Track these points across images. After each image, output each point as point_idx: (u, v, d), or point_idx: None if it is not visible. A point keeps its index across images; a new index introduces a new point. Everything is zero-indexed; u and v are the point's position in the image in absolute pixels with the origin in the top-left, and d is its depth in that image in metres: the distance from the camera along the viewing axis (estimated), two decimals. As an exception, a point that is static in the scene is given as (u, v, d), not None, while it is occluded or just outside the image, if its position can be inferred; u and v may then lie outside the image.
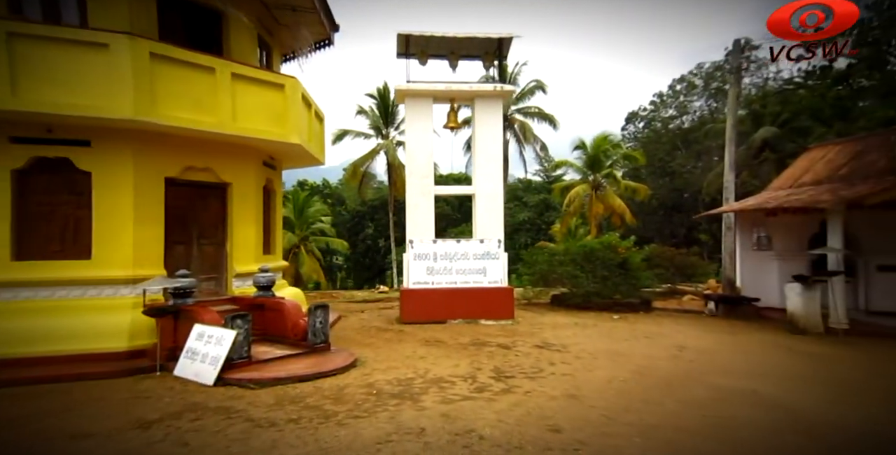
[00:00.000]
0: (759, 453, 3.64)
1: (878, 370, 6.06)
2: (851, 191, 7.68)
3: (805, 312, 8.10)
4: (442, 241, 9.22)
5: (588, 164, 27.74)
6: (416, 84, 8.76)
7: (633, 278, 11.06)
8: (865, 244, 9.74)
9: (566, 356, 6.59)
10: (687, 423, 4.20)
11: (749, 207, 9.79)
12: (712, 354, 6.78)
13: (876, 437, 3.96)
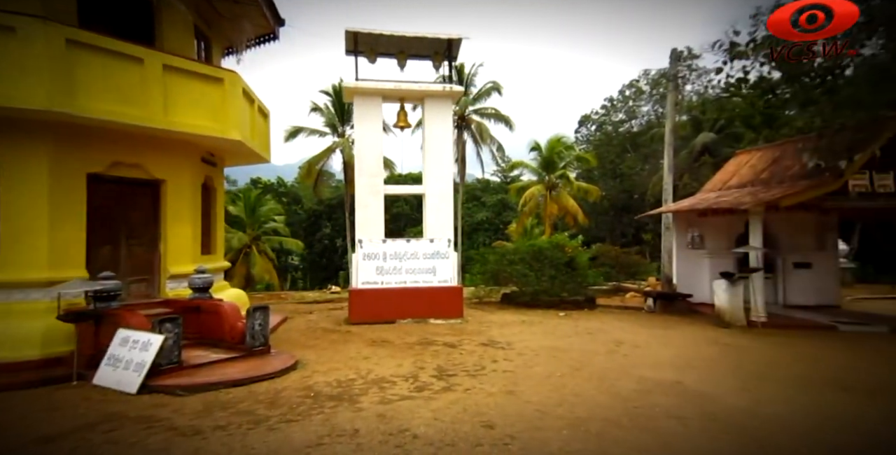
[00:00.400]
0: (673, 438, 3.88)
1: (781, 358, 6.57)
2: (769, 194, 8.32)
3: (730, 307, 8.69)
4: (392, 240, 9.19)
5: (543, 166, 28.49)
6: (365, 82, 8.67)
7: (579, 277, 11.47)
8: (784, 243, 10.59)
9: (509, 353, 6.75)
10: (614, 414, 4.41)
11: (683, 208, 10.40)
12: (645, 348, 7.15)
13: (776, 418, 4.32)
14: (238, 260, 25.55)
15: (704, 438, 3.92)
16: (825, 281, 10.47)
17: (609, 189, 33.89)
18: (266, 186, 39.02)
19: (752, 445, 3.76)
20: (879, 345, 7.36)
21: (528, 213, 29.89)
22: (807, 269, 10.45)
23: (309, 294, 14.38)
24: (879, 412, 4.48)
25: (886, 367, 6.11)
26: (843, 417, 4.36)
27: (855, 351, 6.92)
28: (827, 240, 10.55)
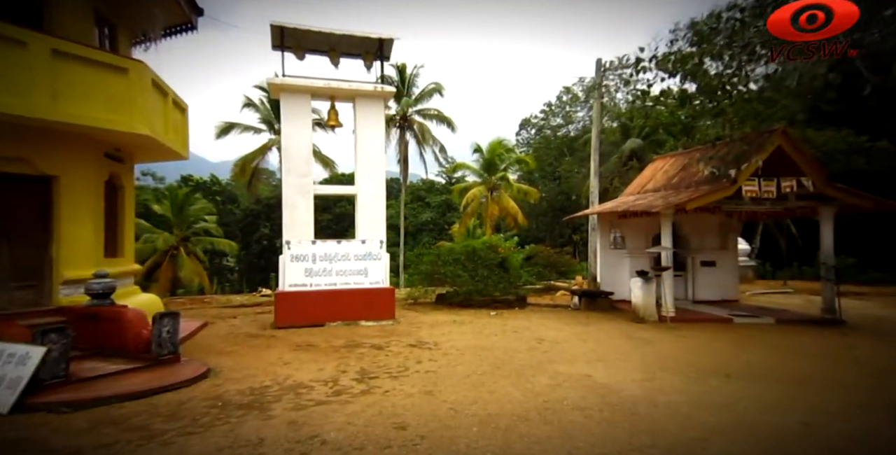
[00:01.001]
0: (574, 429, 4.11)
1: (682, 350, 7.12)
2: (677, 198, 9.03)
3: (644, 303, 9.33)
4: (322, 241, 8.99)
5: (484, 167, 29.05)
6: (293, 79, 8.42)
7: (511, 277, 11.83)
8: (693, 243, 11.53)
9: (435, 353, 6.83)
10: (524, 409, 4.59)
11: (606, 210, 11.04)
12: (564, 344, 7.50)
13: (668, 405, 4.70)
14: (164, 262, 23.89)
15: (603, 427, 4.19)
16: (727, 278, 11.53)
17: (548, 191, 35.27)
18: (198, 184, 36.77)
19: (644, 431, 4.07)
20: (763, 335, 8.20)
21: (470, 214, 30.35)
22: (712, 268, 11.45)
23: (237, 297, 13.72)
24: (752, 395, 5.00)
25: (764, 355, 6.81)
26: (721, 401, 4.82)
27: (742, 341, 7.67)
28: (729, 240, 11.63)
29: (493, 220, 30.07)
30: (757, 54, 5.98)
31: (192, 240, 25.96)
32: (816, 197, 8.93)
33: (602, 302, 10.99)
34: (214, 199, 35.79)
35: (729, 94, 7.91)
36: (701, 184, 9.27)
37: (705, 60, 5.34)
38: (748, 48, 5.00)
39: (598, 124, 12.72)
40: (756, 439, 3.96)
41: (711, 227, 11.49)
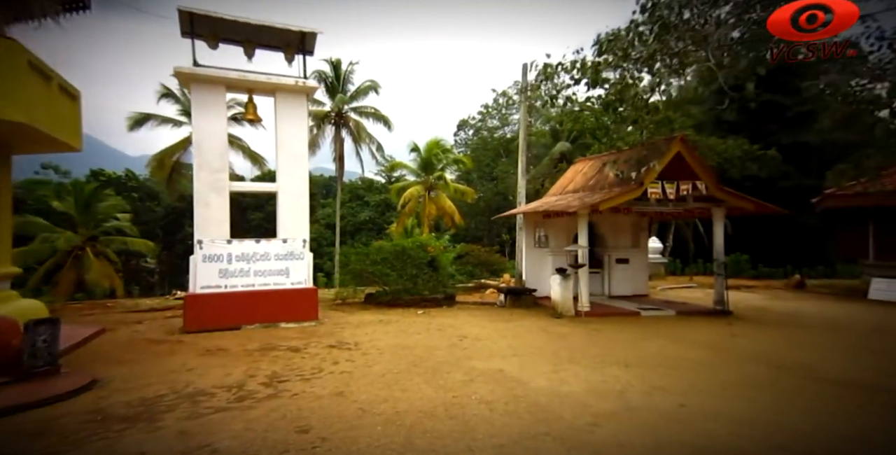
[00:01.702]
0: (477, 422, 4.24)
1: (590, 342, 7.60)
2: (592, 198, 9.60)
3: (562, 299, 9.82)
4: (238, 241, 8.56)
5: (422, 167, 29.13)
6: (205, 69, 7.93)
7: (440, 275, 11.96)
8: (609, 242, 12.31)
9: (354, 354, 6.75)
10: (433, 405, 4.67)
11: (529, 210, 11.49)
12: (485, 341, 7.71)
13: (568, 394, 4.98)
14: (66, 264, 21.57)
15: (505, 419, 4.36)
16: (638, 274, 12.44)
17: (485, 191, 36.05)
18: (110, 179, 33.62)
19: (542, 420, 4.29)
20: (664, 326, 8.92)
21: (408, 214, 30.32)
22: (626, 265, 12.29)
23: (147, 301, 12.71)
24: (643, 382, 5.43)
25: (660, 345, 7.41)
26: (616, 389, 5.20)
27: (645, 332, 8.31)
28: (641, 239, 12.54)
29: (431, 220, 30.24)
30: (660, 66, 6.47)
31: (101, 240, 23.68)
32: (709, 199, 9.87)
33: (526, 299, 11.42)
34: (130, 196, 32.93)
35: (631, 102, 8.50)
36: (613, 186, 9.91)
37: (603, 70, 5.70)
38: (648, 61, 5.41)
39: (525, 127, 13.20)
40: (639, 422, 4.31)
41: (625, 227, 12.33)
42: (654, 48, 5.13)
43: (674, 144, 9.30)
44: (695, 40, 4.95)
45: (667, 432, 4.08)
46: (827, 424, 4.24)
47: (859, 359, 6.60)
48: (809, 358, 6.58)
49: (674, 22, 5.06)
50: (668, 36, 5.04)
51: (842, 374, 5.77)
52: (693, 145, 21.83)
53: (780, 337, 8.05)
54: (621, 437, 3.99)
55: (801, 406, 4.71)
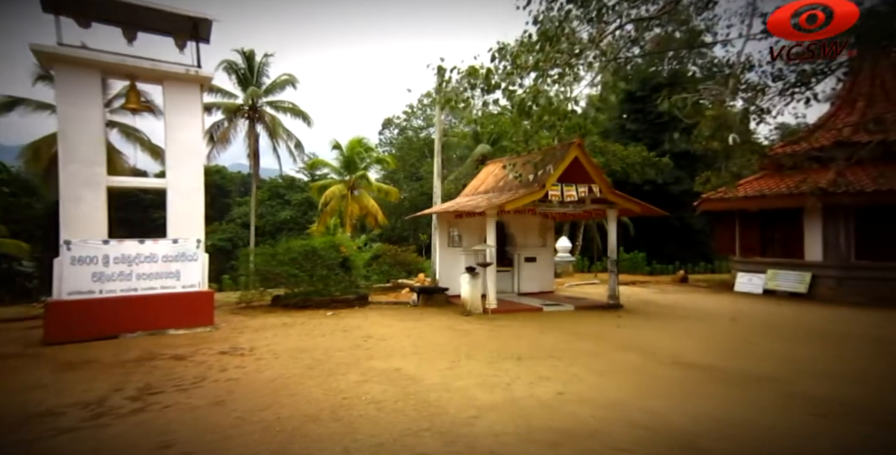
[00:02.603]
0: (363, 423, 4.23)
1: (491, 338, 7.87)
2: (499, 199, 10.00)
3: (471, 297, 10.10)
4: (118, 241, 7.76)
5: (344, 165, 28.49)
6: (73, 50, 7.08)
7: (353, 276, 11.77)
8: (519, 241, 12.88)
9: (246, 360, 6.42)
10: (319, 409, 4.56)
11: (442, 210, 11.69)
12: (390, 340, 7.70)
13: (459, 389, 5.13)
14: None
15: (391, 417, 4.38)
16: (545, 272, 13.16)
17: (411, 191, 36.08)
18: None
19: (427, 416, 4.38)
20: (562, 320, 9.52)
21: (329, 213, 29.52)
22: (534, 263, 12.94)
23: (9, 310, 11.12)
24: (531, 374, 5.75)
25: (555, 338, 7.89)
26: (505, 381, 5.44)
27: (544, 327, 8.81)
28: (547, 238, 13.27)
29: (354, 219, 29.70)
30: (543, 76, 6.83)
31: (-44, 240, 20.34)
32: (604, 201, 10.71)
33: (439, 297, 11.59)
34: (1, 191, 28.63)
35: (544, 107, 8.96)
36: (519, 188, 10.38)
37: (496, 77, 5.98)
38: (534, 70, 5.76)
39: (441, 129, 13.39)
40: (517, 411, 4.54)
41: (534, 227, 12.98)
42: (537, 58, 5.47)
43: (572, 150, 9.96)
44: (572, 54, 5.36)
45: (540, 419, 4.35)
46: (678, 403, 4.77)
47: (714, 344, 7.51)
48: (675, 344, 7.37)
49: (557, 35, 5.43)
50: (550, 48, 5.40)
51: (697, 358, 6.53)
52: (600, 150, 23.54)
53: (657, 326, 8.94)
54: (497, 426, 4.19)
55: (660, 388, 5.27)
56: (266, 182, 46.14)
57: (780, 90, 8.96)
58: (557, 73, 5.42)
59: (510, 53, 5.65)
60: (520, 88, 5.76)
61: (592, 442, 3.89)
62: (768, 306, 11.25)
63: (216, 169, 48.40)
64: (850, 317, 9.70)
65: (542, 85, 5.71)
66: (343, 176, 29.27)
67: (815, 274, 12.14)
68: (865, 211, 11.50)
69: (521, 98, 5.68)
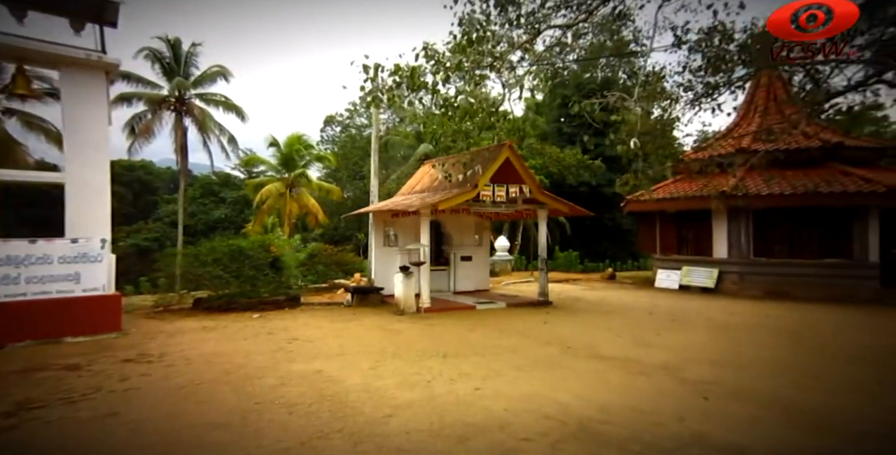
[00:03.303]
0: (272, 427, 4.08)
1: (421, 337, 7.89)
2: (433, 198, 10.05)
3: (404, 296, 10.07)
4: (2, 241, 6.97)
5: (282, 163, 27.47)
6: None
7: (284, 276, 11.36)
8: (455, 240, 13.03)
9: (154, 367, 5.99)
10: (229, 415, 4.35)
11: (377, 209, 11.57)
12: (317, 342, 7.50)
13: (378, 388, 5.08)
14: None
15: (303, 420, 4.26)
16: (481, 270, 13.41)
17: (354, 189, 35.45)
18: None
19: (341, 417, 4.30)
20: (493, 318, 9.72)
21: (267, 211, 28.36)
22: (469, 262, 13.15)
23: None
24: (452, 370, 5.82)
25: (483, 335, 8.05)
26: (425, 379, 5.47)
27: (474, 324, 8.96)
28: (483, 238, 13.53)
29: (293, 218, 28.71)
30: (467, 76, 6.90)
31: None
32: (535, 202, 11.08)
33: (373, 297, 11.46)
34: None
35: (483, 108, 9.08)
36: (453, 187, 10.49)
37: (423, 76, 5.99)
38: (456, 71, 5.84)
39: (377, 129, 13.30)
40: (432, 408, 4.58)
41: (470, 227, 13.18)
42: (459, 59, 5.57)
43: (503, 151, 10.21)
44: (494, 56, 5.51)
45: (454, 415, 4.40)
46: (587, 393, 5.02)
47: (629, 336, 7.99)
48: (594, 338, 7.77)
49: (479, 37, 5.55)
50: (471, 49, 5.51)
51: (612, 350, 6.92)
52: (538, 152, 24.29)
53: (580, 322, 9.39)
54: (411, 424, 4.20)
55: (574, 380, 5.52)
56: (198, 178, 43.49)
57: (689, 100, 9.72)
58: (479, 75, 5.53)
59: (434, 53, 5.69)
60: (443, 88, 5.82)
61: (501, 434, 3.99)
62: (681, 300, 12.17)
63: (141, 164, 44.92)
64: (746, 309, 10.70)
65: (467, 86, 5.81)
66: (281, 173, 28.21)
67: (722, 270, 13.30)
68: (762, 213, 12.78)
69: (445, 97, 5.74)
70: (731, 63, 8.69)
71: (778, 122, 9.24)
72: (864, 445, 3.73)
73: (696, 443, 3.76)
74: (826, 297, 11.80)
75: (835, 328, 8.62)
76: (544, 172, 25.16)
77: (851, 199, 11.36)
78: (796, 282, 12.28)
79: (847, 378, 5.57)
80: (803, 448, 3.64)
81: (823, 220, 12.16)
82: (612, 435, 3.92)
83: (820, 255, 12.28)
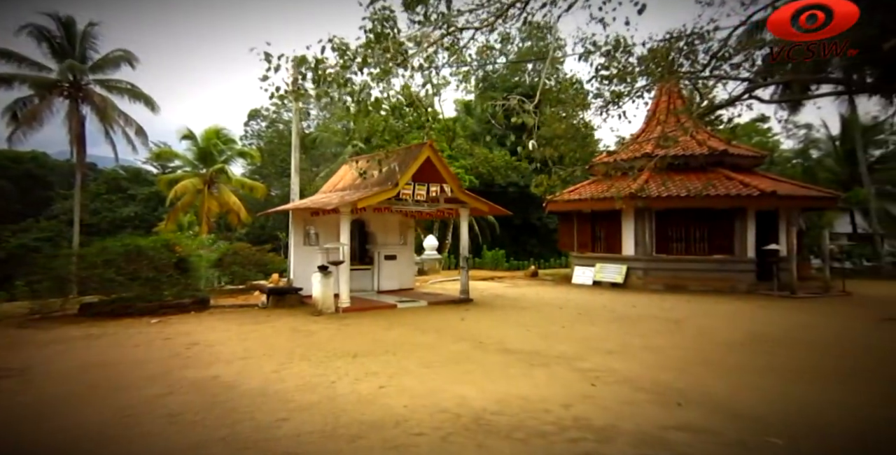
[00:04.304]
0: (147, 438, 3.78)
1: (334, 337, 7.69)
2: (352, 196, 9.87)
3: (322, 296, 9.79)
4: None
5: (199, 157, 25.66)
6: None
7: (191, 278, 10.60)
8: (379, 239, 12.90)
9: (12, 382, 5.31)
10: (97, 430, 3.97)
11: (295, 207, 11.15)
12: (219, 346, 7.05)
13: (277, 391, 4.87)
14: None
15: (184, 430, 3.98)
16: (405, 269, 13.39)
17: (283, 187, 33.89)
18: None
19: (229, 423, 4.08)
20: (412, 316, 9.71)
21: (182, 209, 26.36)
22: (394, 261, 13.07)
23: None
24: (359, 370, 5.73)
25: (399, 333, 8.00)
26: (329, 381, 5.33)
27: (392, 323, 8.90)
28: (408, 236, 13.52)
29: (213, 217, 26.94)
30: None
31: None
32: (457, 201, 11.25)
33: (291, 298, 11.02)
34: None
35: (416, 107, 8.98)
36: (375, 185, 10.37)
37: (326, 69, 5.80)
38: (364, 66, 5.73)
39: (298, 125, 12.84)
40: (330, 409, 4.46)
41: (394, 226, 13.10)
42: (364, 54, 5.50)
43: (424, 150, 10.26)
44: (398, 53, 5.50)
45: (351, 414, 4.32)
46: (488, 386, 5.15)
47: (538, 330, 8.32)
48: (506, 333, 8.02)
49: (384, 34, 5.51)
50: (378, 45, 5.46)
51: (520, 344, 7.18)
52: (468, 152, 24.63)
53: (497, 317, 9.67)
54: (305, 426, 4.07)
55: (479, 373, 5.65)
56: (104, 173, 39.41)
57: (598, 107, 10.36)
58: (383, 70, 5.49)
59: (341, 47, 5.56)
60: (353, 83, 5.70)
61: (395, 430, 3.98)
62: (593, 295, 12.96)
63: (31, 155, 39.86)
64: (646, 301, 11.63)
65: (375, 82, 5.74)
66: (199, 169, 26.33)
67: (629, 266, 14.36)
68: (662, 213, 13.99)
69: (351, 91, 5.62)
70: (633, 74, 9.40)
71: (672, 129, 10.13)
72: (719, 418, 4.17)
73: (575, 426, 3.99)
74: (714, 289, 13.15)
75: (716, 317, 9.59)
76: (474, 173, 25.68)
77: (733, 202, 12.80)
78: (690, 276, 13.58)
79: (720, 361, 6.21)
80: (665, 423, 4.00)
81: (712, 219, 13.57)
82: (501, 424, 4.06)
83: (709, 251, 13.68)
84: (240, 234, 31.89)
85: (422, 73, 6.69)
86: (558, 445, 3.67)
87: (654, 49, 9.06)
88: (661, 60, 8.92)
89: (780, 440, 3.63)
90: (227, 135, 26.33)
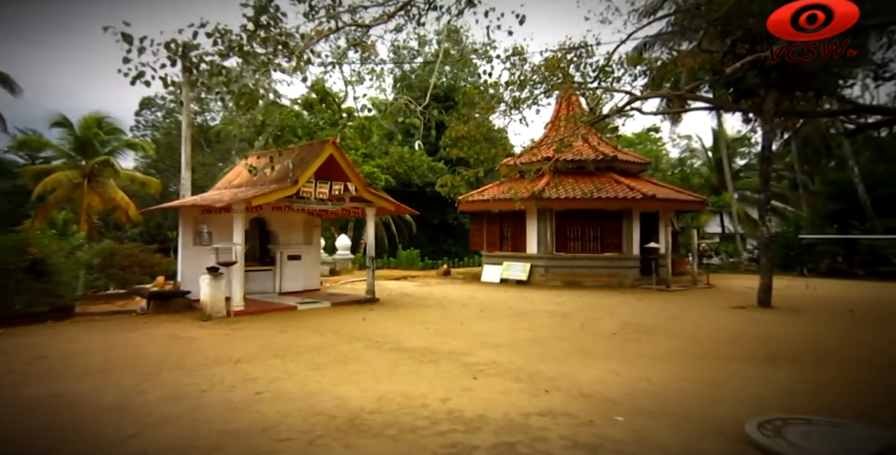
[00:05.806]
0: None
1: (217, 343, 7.19)
2: (246, 194, 9.28)
3: (211, 300, 9.08)
4: None
5: (76, 148, 22.64)
6: None
7: (53, 282, 9.27)
8: (282, 239, 12.28)
9: None
10: None
11: (182, 204, 10.23)
12: (74, 359, 6.25)
13: (133, 407, 4.39)
14: None
15: None
16: (310, 270, 12.89)
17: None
18: None
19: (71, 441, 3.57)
20: (312, 317, 9.31)
21: (55, 205, 23.11)
22: (298, 261, 12.52)
23: None
24: (237, 377, 5.37)
25: (291, 336, 7.63)
26: (200, 390, 4.92)
27: (288, 325, 8.49)
28: (313, 236, 13.04)
29: (94, 214, 23.90)
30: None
31: None
32: (363, 200, 11.06)
33: (177, 302, 10.09)
34: None
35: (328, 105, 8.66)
36: (272, 182, 9.83)
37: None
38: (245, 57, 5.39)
39: (188, 116, 11.84)
40: (194, 419, 4.13)
41: (297, 225, 12.56)
42: (240, 43, 5.17)
43: (327, 147, 9.95)
44: (279, 44, 5.25)
45: (216, 424, 4.03)
46: (370, 385, 5.09)
47: (437, 328, 8.41)
48: (404, 332, 8.02)
49: (264, 23, 5.22)
50: (253, 40, 5.16)
51: (415, 342, 7.21)
52: (385, 151, 24.38)
53: (400, 316, 9.65)
54: (156, 441, 3.72)
55: (364, 373, 5.56)
56: (-55, 162, 33.18)
57: (501, 111, 10.77)
58: (262, 62, 5.20)
59: (215, 34, 5.15)
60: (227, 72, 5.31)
61: (260, 438, 3.78)
62: (497, 293, 13.46)
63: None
64: (543, 297, 12.32)
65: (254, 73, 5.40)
66: (77, 160, 23.20)
67: (533, 264, 15.15)
68: (562, 213, 14.98)
69: (225, 81, 5.24)
70: (531, 81, 9.94)
71: (569, 134, 10.85)
72: (577, 402, 4.50)
73: (447, 419, 4.08)
74: (605, 284, 14.32)
75: (599, 310, 10.41)
76: (391, 172, 25.49)
77: (621, 204, 14.06)
78: (585, 273, 14.66)
79: (593, 351, 6.72)
80: (530, 410, 4.23)
81: (604, 220, 14.80)
82: (374, 423, 4.02)
83: (601, 249, 14.89)
84: (132, 234, 28.69)
85: (325, 67, 6.48)
86: (427, 439, 3.71)
87: (549, 59, 9.66)
88: (554, 70, 9.53)
89: (622, 417, 4.01)
90: (111, 124, 23.51)
